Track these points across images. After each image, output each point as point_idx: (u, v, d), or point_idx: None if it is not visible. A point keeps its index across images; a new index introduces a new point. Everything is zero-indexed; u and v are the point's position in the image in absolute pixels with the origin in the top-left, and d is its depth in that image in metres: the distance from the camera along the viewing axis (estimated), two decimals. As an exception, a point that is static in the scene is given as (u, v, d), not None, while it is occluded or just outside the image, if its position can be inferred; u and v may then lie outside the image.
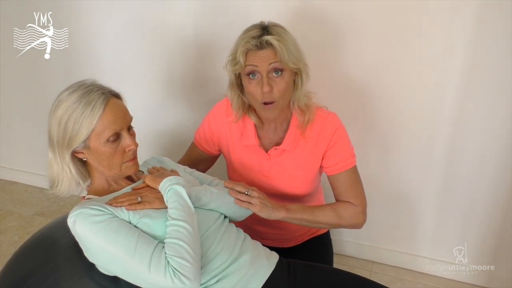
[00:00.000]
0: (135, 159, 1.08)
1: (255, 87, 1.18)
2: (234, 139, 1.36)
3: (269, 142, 1.34)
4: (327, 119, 1.29)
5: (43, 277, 1.03)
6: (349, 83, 1.66)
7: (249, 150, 1.34)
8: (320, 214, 1.26)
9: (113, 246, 0.92)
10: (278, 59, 1.15)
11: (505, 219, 1.66)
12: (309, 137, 1.29)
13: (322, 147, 1.29)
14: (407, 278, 1.84)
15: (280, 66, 1.16)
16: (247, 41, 1.15)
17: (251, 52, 1.16)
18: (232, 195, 1.17)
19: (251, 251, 1.10)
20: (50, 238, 1.14)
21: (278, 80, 1.17)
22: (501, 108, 1.52)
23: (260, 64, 1.15)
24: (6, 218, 2.24)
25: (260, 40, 1.14)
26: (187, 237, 0.94)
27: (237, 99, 1.28)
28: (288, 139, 1.29)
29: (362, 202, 1.31)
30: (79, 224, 0.94)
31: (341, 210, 1.29)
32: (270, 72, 1.17)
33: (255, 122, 1.31)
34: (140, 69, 1.98)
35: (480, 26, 1.44)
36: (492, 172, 1.62)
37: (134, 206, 1.00)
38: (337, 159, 1.29)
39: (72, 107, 0.98)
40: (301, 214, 1.24)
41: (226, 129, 1.37)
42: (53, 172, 1.05)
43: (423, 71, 1.56)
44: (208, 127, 1.41)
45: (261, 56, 1.15)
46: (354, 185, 1.31)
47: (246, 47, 1.15)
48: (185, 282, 0.90)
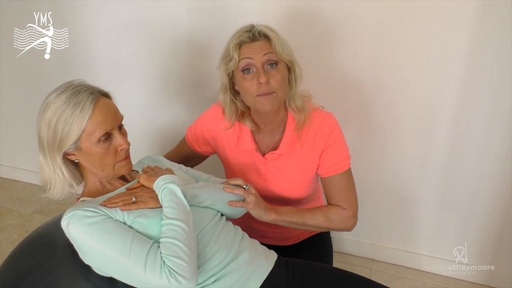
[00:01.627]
0: (128, 158, 1.07)
1: (250, 81, 1.17)
2: (231, 144, 1.36)
3: (266, 146, 1.33)
4: (323, 120, 1.27)
5: (40, 277, 1.03)
6: (347, 82, 1.65)
7: (246, 155, 1.34)
8: (310, 217, 1.26)
9: (108, 248, 0.91)
10: (272, 50, 1.14)
11: (506, 218, 1.66)
12: (305, 140, 1.28)
13: (319, 149, 1.28)
14: (407, 276, 1.84)
15: (275, 58, 1.15)
16: (240, 34, 1.16)
17: (245, 45, 1.15)
18: (227, 190, 1.16)
19: (249, 250, 1.09)
20: (48, 237, 1.14)
21: (273, 72, 1.16)
22: (501, 107, 1.51)
23: (254, 55, 1.14)
24: (5, 216, 2.24)
25: (253, 32, 1.14)
26: (183, 236, 0.94)
27: (230, 104, 1.26)
28: (285, 143, 1.28)
29: (352, 206, 1.30)
30: (73, 226, 0.93)
31: (331, 214, 1.28)
32: (265, 64, 1.15)
33: (250, 128, 1.29)
34: (138, 68, 1.98)
35: (480, 24, 1.42)
36: (492, 171, 1.61)
37: (128, 206, 0.99)
38: (331, 162, 1.28)
39: (61, 109, 0.97)
40: (291, 217, 1.24)
41: (222, 133, 1.36)
42: (45, 175, 1.04)
43: (423, 69, 1.54)
44: (202, 129, 1.40)
45: (255, 47, 1.14)
46: (345, 189, 1.29)
47: (240, 39, 1.15)
48: (181, 281, 0.89)
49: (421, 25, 1.49)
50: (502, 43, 1.42)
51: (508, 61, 1.44)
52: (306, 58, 1.24)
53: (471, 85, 1.51)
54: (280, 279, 1.09)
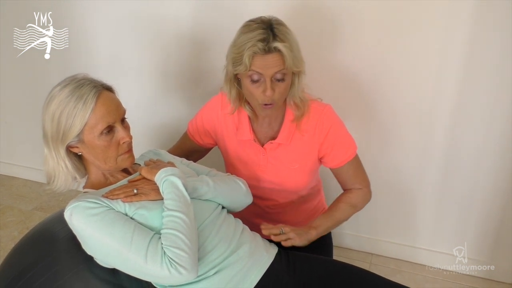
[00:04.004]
0: (130, 151, 1.08)
1: (256, 88, 1.17)
2: (230, 133, 1.36)
3: (264, 136, 1.34)
4: (322, 112, 1.28)
5: (42, 270, 1.04)
6: (347, 76, 1.65)
7: (245, 145, 1.35)
8: (340, 214, 1.33)
9: (110, 238, 0.93)
10: (284, 66, 1.13)
11: (504, 213, 1.67)
12: (305, 130, 1.29)
13: (318, 140, 1.29)
14: (406, 270, 1.85)
15: (285, 72, 1.15)
16: (254, 44, 1.11)
17: (258, 56, 1.12)
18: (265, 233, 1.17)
19: (250, 243, 1.10)
20: (49, 231, 1.14)
21: (280, 84, 1.17)
22: (500, 104, 1.51)
23: (265, 71, 1.13)
24: (6, 213, 2.24)
25: (269, 46, 1.11)
26: (183, 228, 0.95)
27: (234, 91, 1.26)
28: (283, 132, 1.29)
29: (366, 183, 1.38)
30: (76, 217, 0.95)
31: (353, 200, 1.35)
32: (273, 77, 1.15)
33: (249, 114, 1.30)
34: (138, 66, 1.98)
35: (479, 20, 1.43)
36: (492, 169, 1.62)
37: (130, 198, 1.00)
38: (339, 154, 1.31)
39: (65, 102, 0.98)
40: (326, 224, 1.29)
41: (221, 123, 1.37)
42: (49, 168, 1.05)
43: (422, 66, 1.55)
44: (202, 120, 1.41)
45: (268, 61, 1.12)
46: (357, 173, 1.36)
47: (253, 50, 1.11)
48: (181, 272, 0.90)
49: (421, 20, 1.49)
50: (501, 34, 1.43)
51: (508, 54, 1.44)
52: (306, 53, 1.24)
53: (470, 82, 1.52)
54: (280, 272, 1.10)
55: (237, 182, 1.24)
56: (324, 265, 1.16)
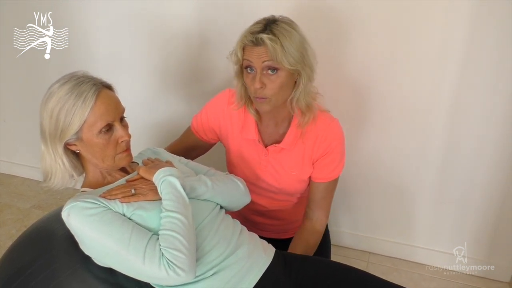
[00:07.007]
0: (128, 150, 1.07)
1: (251, 80, 1.18)
2: (234, 130, 1.36)
3: (269, 138, 1.34)
4: (329, 125, 1.28)
5: (40, 269, 1.03)
6: (345, 79, 1.66)
7: (248, 143, 1.35)
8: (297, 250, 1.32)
9: (107, 239, 0.92)
10: (270, 58, 1.13)
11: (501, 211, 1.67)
12: (308, 139, 1.29)
13: (317, 151, 1.29)
14: (403, 269, 1.85)
15: (275, 65, 1.14)
16: (245, 35, 1.15)
17: (248, 48, 1.15)
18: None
19: (248, 244, 1.10)
20: (46, 230, 1.14)
21: (273, 78, 1.16)
22: (497, 104, 1.51)
23: (254, 60, 1.15)
24: (4, 211, 2.24)
25: (256, 37, 1.12)
26: (181, 229, 0.94)
27: (240, 88, 1.27)
28: (289, 138, 1.29)
29: (327, 212, 1.39)
30: (73, 217, 0.94)
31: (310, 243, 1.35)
32: (264, 69, 1.15)
33: (254, 117, 1.30)
34: (138, 65, 1.98)
35: (478, 19, 1.43)
36: (490, 168, 1.62)
37: (128, 198, 0.99)
38: (325, 170, 1.31)
39: (64, 99, 0.97)
40: None
41: (227, 119, 1.36)
42: (46, 165, 1.04)
43: (419, 66, 1.55)
44: (208, 115, 1.40)
45: (256, 53, 1.14)
46: (327, 196, 1.36)
47: (243, 42, 1.15)
48: (179, 273, 0.90)
49: (421, 21, 1.49)
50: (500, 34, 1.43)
51: (507, 52, 1.44)
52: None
53: (467, 82, 1.52)
54: (278, 273, 1.09)
55: (236, 182, 1.23)
56: (321, 266, 1.16)
